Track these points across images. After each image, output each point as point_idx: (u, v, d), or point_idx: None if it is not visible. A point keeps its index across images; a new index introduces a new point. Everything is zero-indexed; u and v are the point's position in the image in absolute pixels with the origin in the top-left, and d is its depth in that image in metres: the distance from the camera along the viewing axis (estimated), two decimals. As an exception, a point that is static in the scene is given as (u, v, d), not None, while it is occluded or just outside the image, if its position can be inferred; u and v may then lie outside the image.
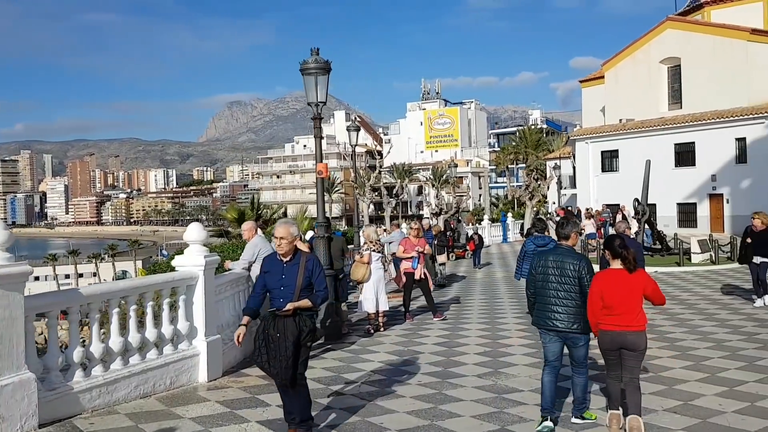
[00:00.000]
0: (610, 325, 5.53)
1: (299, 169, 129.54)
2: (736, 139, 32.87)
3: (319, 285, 5.60)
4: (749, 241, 12.00)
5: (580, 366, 5.92)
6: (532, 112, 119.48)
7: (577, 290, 5.73)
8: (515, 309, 12.80)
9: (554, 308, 5.78)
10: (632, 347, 5.52)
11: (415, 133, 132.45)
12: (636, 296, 5.52)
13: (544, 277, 5.87)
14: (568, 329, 5.75)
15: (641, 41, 42.14)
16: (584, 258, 5.97)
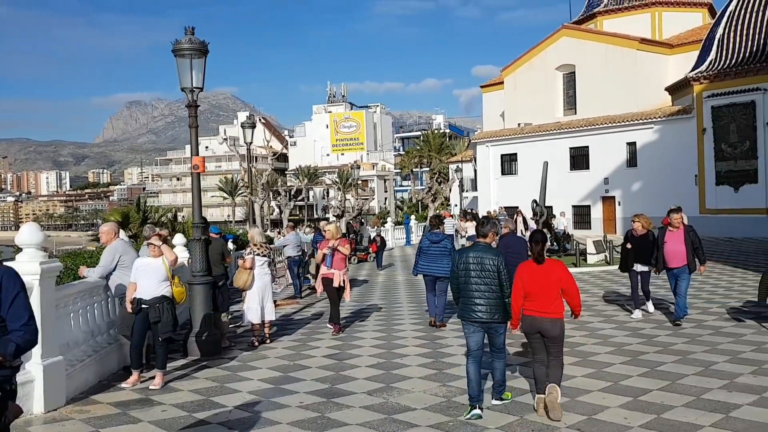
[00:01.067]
0: (529, 310, 6.09)
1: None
2: (627, 144, 34.13)
3: (14, 319, 3.31)
4: (629, 247, 10.94)
5: (499, 352, 6.37)
6: (435, 117, 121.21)
7: (496, 283, 6.14)
8: (414, 314, 12.16)
9: (476, 301, 6.18)
10: (548, 333, 6.01)
11: (320, 136, 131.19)
12: (551, 285, 6.02)
13: (466, 273, 6.25)
14: (489, 320, 6.18)
15: (538, 48, 43.22)
16: (500, 253, 6.43)
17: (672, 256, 10.31)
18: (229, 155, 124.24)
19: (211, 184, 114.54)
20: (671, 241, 10.31)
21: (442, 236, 10.90)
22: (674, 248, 10.25)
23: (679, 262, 10.25)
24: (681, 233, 10.27)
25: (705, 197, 30.21)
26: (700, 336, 9.41)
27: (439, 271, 10.50)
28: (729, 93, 29.18)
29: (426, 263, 10.71)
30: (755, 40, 29.27)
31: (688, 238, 10.25)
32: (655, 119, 32.84)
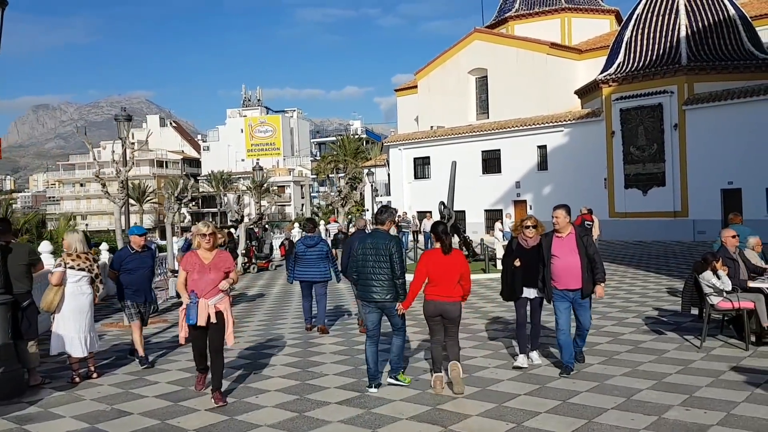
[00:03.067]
0: (433, 294, 6.64)
1: (105, 177, 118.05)
2: (538, 147, 33.67)
3: None
4: (518, 265, 7.51)
5: (398, 330, 6.89)
6: (352, 123, 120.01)
7: (389, 265, 6.65)
8: (294, 335, 10.38)
9: (372, 283, 6.70)
10: (449, 315, 6.60)
11: (235, 141, 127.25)
12: (453, 272, 6.60)
13: (364, 257, 6.77)
14: (383, 299, 6.70)
15: (451, 51, 42.67)
16: (395, 239, 6.94)
17: (565, 273, 7.08)
18: (138, 160, 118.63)
19: (116, 189, 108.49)
20: (562, 252, 7.10)
21: (318, 239, 10.51)
22: (567, 262, 7.05)
23: (576, 282, 7.07)
24: (572, 239, 7.13)
25: (614, 200, 30.00)
26: (617, 353, 8.11)
27: (316, 275, 10.27)
28: (637, 96, 29.09)
29: (302, 269, 10.34)
30: (662, 43, 29.34)
31: (581, 245, 7.11)
32: (565, 122, 32.51)
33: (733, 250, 8.79)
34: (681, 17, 29.12)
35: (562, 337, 7.16)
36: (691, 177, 27.50)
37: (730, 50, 28.45)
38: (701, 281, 8.31)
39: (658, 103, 28.41)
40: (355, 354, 8.61)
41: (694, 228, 26.96)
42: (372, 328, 6.83)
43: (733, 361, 7.50)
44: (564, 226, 7.15)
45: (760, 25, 31.08)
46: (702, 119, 27.18)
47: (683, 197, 27.84)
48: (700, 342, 8.32)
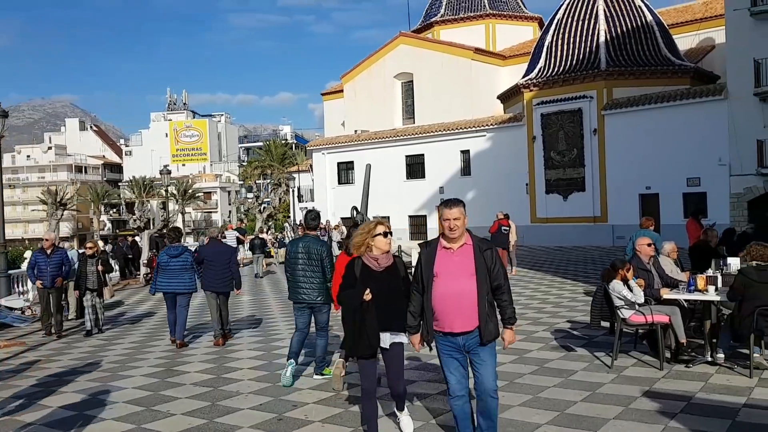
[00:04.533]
0: None
1: (20, 183, 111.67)
2: (461, 152, 33.14)
3: None
4: (368, 298, 5.01)
5: (322, 330, 7.30)
6: (282, 128, 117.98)
7: (320, 269, 7.04)
8: (165, 353, 9.03)
9: (302, 284, 7.09)
10: None
11: (159, 146, 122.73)
12: None
13: (295, 260, 7.11)
14: (313, 300, 7.11)
15: (377, 55, 42.01)
16: (326, 244, 7.30)
17: (452, 307, 4.55)
18: (55, 165, 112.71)
19: (32, 196, 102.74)
20: (449, 273, 4.57)
21: (182, 249, 10.14)
22: (456, 288, 4.54)
23: (469, 320, 4.53)
24: (468, 254, 4.58)
25: (536, 206, 29.70)
26: (520, 376, 7.18)
27: (180, 286, 9.84)
28: (557, 100, 28.91)
29: (165, 279, 9.86)
30: (582, 48, 29.30)
31: (481, 263, 4.55)
32: (487, 127, 32.10)
33: (647, 260, 8.04)
34: (600, 22, 29.18)
35: (455, 406, 4.71)
36: (610, 182, 27.47)
37: (647, 56, 28.67)
38: (611, 293, 7.49)
39: (578, 108, 28.31)
40: (222, 373, 7.37)
41: (613, 233, 26.88)
42: (302, 327, 7.26)
43: (646, 383, 6.68)
44: (457, 232, 4.50)
45: (676, 34, 31.59)
46: (620, 124, 27.20)
47: (602, 202, 27.78)
48: (612, 360, 7.49)
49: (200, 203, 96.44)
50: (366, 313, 4.95)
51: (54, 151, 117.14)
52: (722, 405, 5.88)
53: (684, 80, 27.94)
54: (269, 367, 8.15)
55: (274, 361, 8.44)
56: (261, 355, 8.94)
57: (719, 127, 24.17)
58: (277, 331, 11.00)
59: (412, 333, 4.79)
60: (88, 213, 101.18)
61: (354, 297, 5.00)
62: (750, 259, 6.99)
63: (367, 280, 5.02)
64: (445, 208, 4.60)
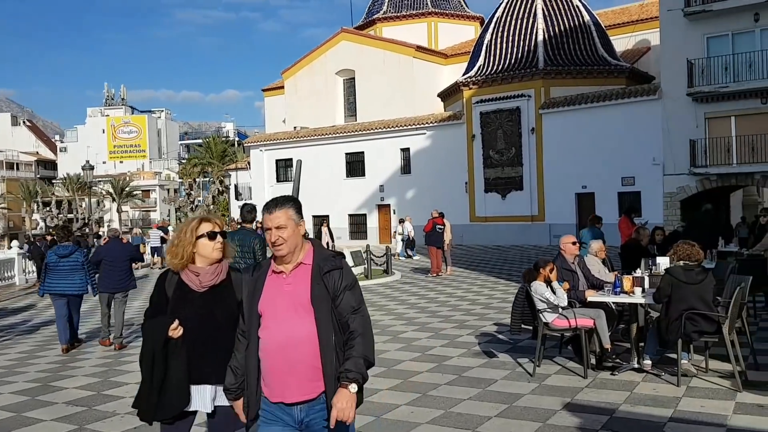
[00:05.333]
0: None
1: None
2: (401, 150, 32.62)
3: None
4: (175, 335, 3.36)
5: None
6: (225, 125, 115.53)
7: (253, 260, 6.95)
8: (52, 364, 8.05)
9: None
10: None
11: (96, 142, 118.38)
12: None
13: None
14: None
15: (318, 51, 41.21)
16: (260, 236, 7.07)
17: (279, 363, 2.97)
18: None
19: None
20: (275, 309, 3.00)
21: (73, 249, 9.49)
22: (282, 335, 2.96)
23: (307, 387, 2.97)
24: (304, 279, 2.98)
25: (475, 204, 29.43)
26: (435, 387, 6.56)
27: (70, 288, 9.29)
28: (496, 99, 28.70)
29: (55, 281, 9.28)
30: (520, 47, 29.17)
31: (321, 294, 2.94)
32: (427, 125, 31.66)
33: (572, 260, 7.55)
34: (539, 21, 29.12)
35: None
36: (548, 181, 27.39)
37: (584, 55, 28.75)
38: (533, 294, 6.96)
39: (516, 106, 28.15)
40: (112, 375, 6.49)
41: (550, 232, 26.81)
42: None
43: (568, 394, 6.16)
44: (285, 248, 2.96)
45: (613, 35, 31.83)
46: (557, 123, 27.16)
47: (540, 201, 27.69)
48: (534, 367, 6.96)
49: (138, 201, 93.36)
50: (171, 357, 3.27)
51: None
52: (647, 419, 5.39)
53: (620, 80, 28.13)
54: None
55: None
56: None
57: (653, 126, 24.34)
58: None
59: (232, 397, 3.16)
60: (20, 211, 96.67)
61: (156, 331, 3.31)
62: (677, 259, 6.56)
63: (179, 306, 3.33)
64: (265, 212, 3.02)
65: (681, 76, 22.82)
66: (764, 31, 21.81)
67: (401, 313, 11.46)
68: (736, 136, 22.32)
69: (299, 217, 3.02)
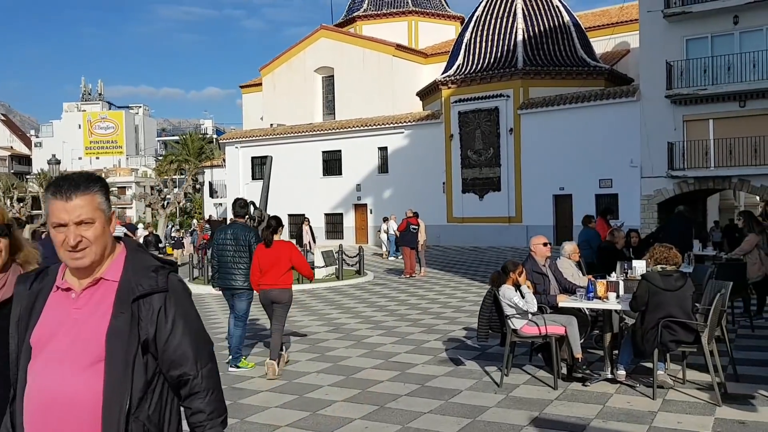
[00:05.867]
0: (263, 284, 7.06)
1: None
2: (379, 149, 32.13)
3: None
4: None
5: (239, 320, 7.26)
6: (203, 122, 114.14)
7: (248, 255, 7.19)
8: None
9: (232, 271, 7.19)
10: (277, 300, 7.05)
11: (72, 137, 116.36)
12: (280, 262, 7.00)
13: (223, 247, 7.27)
14: (240, 286, 7.19)
15: (297, 48, 40.71)
16: (253, 230, 7.55)
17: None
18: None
19: None
20: (53, 354, 1.87)
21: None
22: (54, 389, 1.83)
23: None
24: (107, 302, 1.88)
25: (452, 205, 29.05)
26: (394, 399, 6.09)
27: None
28: (474, 98, 28.34)
29: None
30: (500, 46, 28.85)
31: (124, 328, 1.86)
32: (405, 124, 31.21)
33: (543, 262, 7.13)
34: (518, 21, 28.81)
35: None
36: (525, 182, 27.08)
37: (564, 56, 28.51)
38: (501, 299, 6.52)
39: (495, 106, 27.81)
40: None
41: (527, 233, 26.49)
42: (242, 314, 7.30)
43: (537, 407, 5.72)
44: (87, 257, 1.89)
45: (592, 37, 31.64)
46: (535, 124, 26.86)
47: (517, 202, 27.37)
48: (501, 376, 6.52)
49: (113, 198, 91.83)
50: None
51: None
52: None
53: (599, 82, 27.92)
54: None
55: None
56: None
57: (631, 128, 24.12)
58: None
59: None
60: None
61: None
62: (653, 263, 6.16)
63: None
64: (56, 198, 1.89)
65: (660, 78, 22.61)
66: (743, 33, 21.68)
67: (368, 316, 10.99)
68: (714, 139, 22.16)
69: (109, 205, 1.97)
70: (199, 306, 13.28)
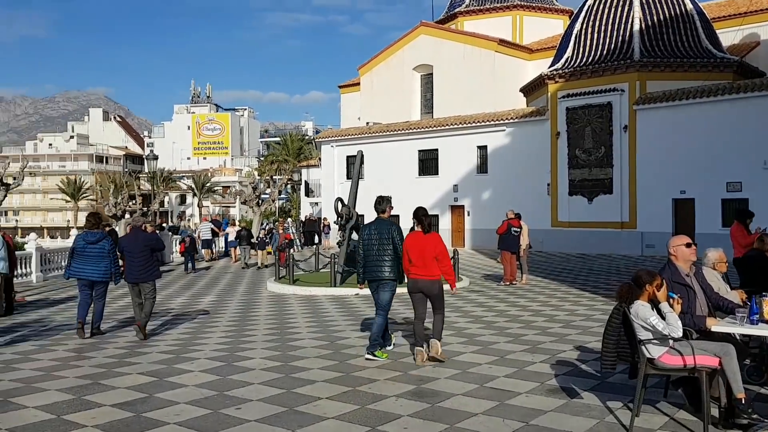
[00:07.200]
0: (412, 273, 7.25)
1: (41, 171, 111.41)
2: (478, 147, 30.59)
3: None
4: None
5: (382, 309, 7.55)
6: (305, 124, 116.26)
7: (392, 247, 7.47)
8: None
9: (378, 264, 7.50)
10: (427, 291, 7.22)
11: (181, 138, 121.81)
12: (428, 252, 7.17)
13: (369, 241, 7.60)
14: (388, 277, 7.48)
15: (396, 46, 40.01)
16: (395, 225, 7.66)
17: None
18: (76, 154, 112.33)
19: (53, 185, 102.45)
20: None
21: (101, 236, 9.58)
22: None
23: None
24: None
25: (558, 208, 27.09)
26: (490, 440, 4.78)
27: (94, 274, 9.40)
28: (585, 93, 26.28)
29: (80, 265, 9.45)
30: (614, 37, 26.61)
31: None
32: (507, 121, 29.48)
33: (686, 270, 5.58)
34: (635, 10, 26.44)
35: None
36: (641, 184, 24.75)
37: (686, 47, 25.89)
38: (633, 320, 5.04)
39: (608, 101, 25.64)
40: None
41: (642, 241, 24.20)
42: (384, 304, 7.56)
43: (683, 466, 4.24)
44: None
45: (717, 29, 28.69)
46: (654, 121, 24.48)
47: (631, 206, 25.07)
48: (632, 417, 5.05)
49: (217, 197, 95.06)
50: None
51: (76, 140, 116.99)
52: None
53: (726, 75, 25.16)
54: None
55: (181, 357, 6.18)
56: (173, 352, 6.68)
57: (765, 126, 21.39)
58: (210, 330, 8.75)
59: None
60: (106, 203, 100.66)
61: None
62: None
63: None
64: None
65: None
66: None
67: (461, 328, 9.68)
68: None
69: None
70: (282, 307, 12.43)
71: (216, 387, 6.31)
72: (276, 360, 7.55)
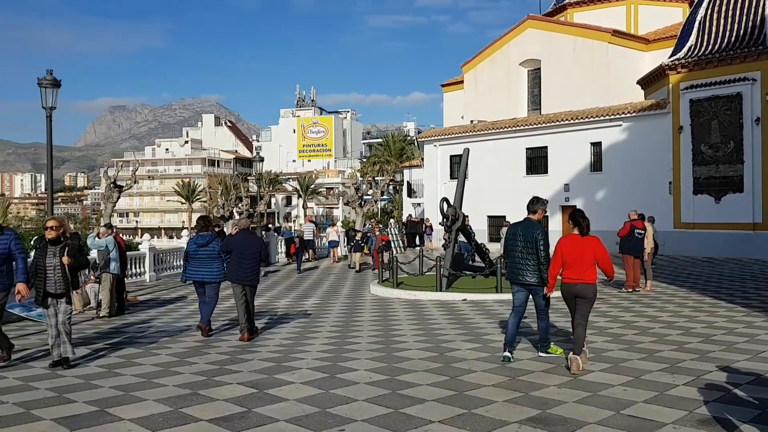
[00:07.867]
0: (566, 277, 7.04)
1: (159, 175, 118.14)
2: (592, 144, 28.91)
3: None
4: None
5: (541, 312, 7.59)
6: (406, 125, 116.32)
7: (534, 251, 7.34)
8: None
9: (520, 266, 7.45)
10: (582, 295, 6.94)
11: (287, 141, 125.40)
12: (586, 256, 6.91)
13: (514, 243, 7.54)
14: (529, 282, 7.42)
15: (501, 41, 38.71)
16: (541, 227, 7.59)
17: None
18: (190, 158, 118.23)
19: (169, 187, 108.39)
20: None
21: (210, 238, 9.88)
22: None
23: None
24: None
25: (681, 208, 25.03)
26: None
27: (207, 276, 9.71)
28: (711, 84, 24.13)
29: (194, 268, 9.80)
30: (742, 22, 24.27)
31: None
32: (623, 115, 27.63)
33: None
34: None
35: None
36: (777, 182, 22.39)
37: (829, 29, 23.19)
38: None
39: (737, 92, 23.39)
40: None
41: (779, 244, 21.87)
42: (518, 305, 7.57)
43: None
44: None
45: None
46: (793, 111, 22.06)
47: (765, 206, 22.72)
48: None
49: (322, 198, 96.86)
50: None
51: (190, 145, 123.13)
52: None
53: None
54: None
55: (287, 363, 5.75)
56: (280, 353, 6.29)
57: None
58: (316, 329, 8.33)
59: None
60: (216, 204, 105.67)
61: None
62: None
63: None
64: None
65: None
66: None
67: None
68: None
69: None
70: (386, 312, 11.91)
71: (318, 403, 5.82)
72: (381, 373, 6.98)
